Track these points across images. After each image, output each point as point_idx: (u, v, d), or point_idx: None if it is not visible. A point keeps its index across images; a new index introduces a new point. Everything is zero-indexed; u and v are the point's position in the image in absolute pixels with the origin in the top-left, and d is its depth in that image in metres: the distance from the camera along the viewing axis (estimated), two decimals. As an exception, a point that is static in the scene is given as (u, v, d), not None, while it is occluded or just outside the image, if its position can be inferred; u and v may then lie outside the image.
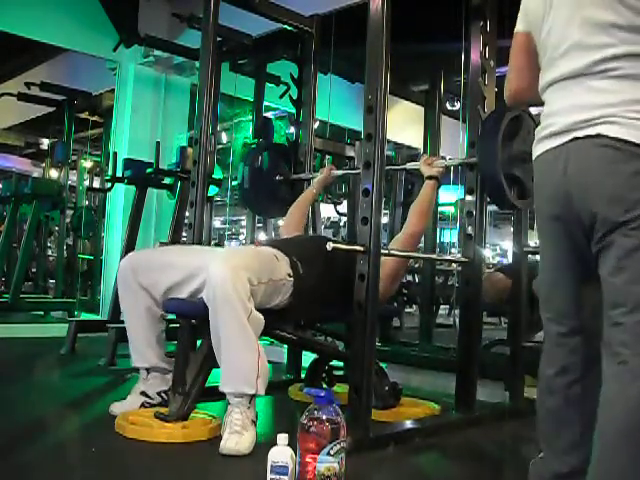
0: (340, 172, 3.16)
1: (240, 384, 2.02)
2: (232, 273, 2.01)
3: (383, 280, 2.33)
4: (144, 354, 2.36)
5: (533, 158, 1.49)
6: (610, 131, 1.30)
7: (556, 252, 1.47)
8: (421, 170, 2.67)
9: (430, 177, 2.62)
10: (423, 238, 3.61)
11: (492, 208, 3.10)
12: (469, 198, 2.67)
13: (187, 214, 3.04)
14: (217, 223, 10.22)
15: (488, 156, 2.49)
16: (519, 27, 1.58)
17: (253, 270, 2.09)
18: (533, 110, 2.73)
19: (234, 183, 4.21)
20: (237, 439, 1.95)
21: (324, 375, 2.80)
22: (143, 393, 2.36)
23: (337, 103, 4.62)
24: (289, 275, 2.25)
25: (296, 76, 3.50)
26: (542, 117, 1.48)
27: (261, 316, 2.07)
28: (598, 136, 1.31)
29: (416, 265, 4.98)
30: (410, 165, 2.92)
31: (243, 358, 2.02)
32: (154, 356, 2.36)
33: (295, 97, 3.50)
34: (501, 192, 2.51)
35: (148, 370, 2.37)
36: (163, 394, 2.31)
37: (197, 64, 3.33)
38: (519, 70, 1.60)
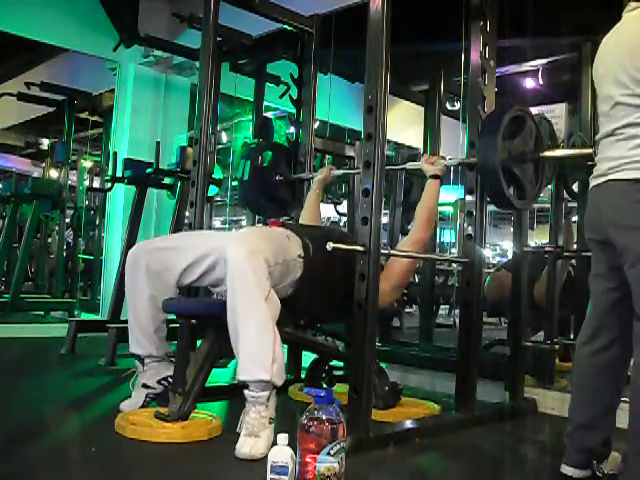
0: (340, 172, 3.16)
1: (256, 369, 2.00)
2: (250, 254, 2.03)
3: (388, 282, 2.42)
4: (140, 341, 2.36)
5: None
6: None
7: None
8: (423, 169, 2.68)
9: (432, 176, 2.63)
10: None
11: (492, 208, 3.10)
12: (469, 198, 2.67)
13: (187, 214, 3.03)
14: (217, 223, 10.22)
15: (488, 156, 2.49)
16: None
17: (270, 251, 2.12)
18: (533, 110, 2.74)
19: (234, 183, 4.21)
20: (252, 443, 1.94)
21: (324, 375, 2.80)
22: (145, 385, 2.37)
23: (337, 103, 4.62)
24: (299, 256, 2.28)
25: (296, 76, 3.49)
26: None
27: (277, 299, 2.08)
28: None
29: (416, 265, 4.97)
30: (410, 165, 2.92)
31: (259, 339, 2.00)
32: (149, 344, 2.36)
33: (295, 97, 3.49)
34: (501, 192, 2.51)
35: (142, 361, 2.37)
36: (163, 381, 2.33)
37: (197, 64, 3.33)
38: None
